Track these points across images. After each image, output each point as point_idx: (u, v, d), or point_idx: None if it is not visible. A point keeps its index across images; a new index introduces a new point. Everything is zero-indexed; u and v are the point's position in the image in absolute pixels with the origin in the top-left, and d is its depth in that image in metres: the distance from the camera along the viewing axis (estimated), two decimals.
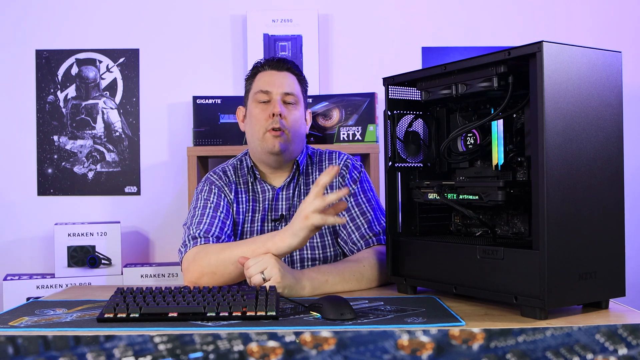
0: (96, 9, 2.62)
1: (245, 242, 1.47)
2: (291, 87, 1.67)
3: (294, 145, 1.66)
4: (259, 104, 1.66)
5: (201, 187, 1.69)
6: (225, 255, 1.44)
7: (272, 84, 1.65)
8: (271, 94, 1.65)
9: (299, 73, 1.72)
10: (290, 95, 1.66)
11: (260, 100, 1.66)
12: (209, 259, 1.46)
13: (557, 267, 1.08)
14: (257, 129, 1.64)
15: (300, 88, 1.71)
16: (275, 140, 1.61)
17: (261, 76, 1.68)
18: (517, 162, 1.28)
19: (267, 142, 1.62)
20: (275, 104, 1.63)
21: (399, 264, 1.39)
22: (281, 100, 1.65)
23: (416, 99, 1.43)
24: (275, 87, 1.65)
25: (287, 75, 1.68)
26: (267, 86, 1.65)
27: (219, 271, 1.44)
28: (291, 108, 1.66)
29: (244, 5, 2.63)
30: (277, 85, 1.65)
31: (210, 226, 1.57)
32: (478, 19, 2.64)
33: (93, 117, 2.62)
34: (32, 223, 2.60)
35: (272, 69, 1.69)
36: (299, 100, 1.69)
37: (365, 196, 1.67)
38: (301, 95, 1.71)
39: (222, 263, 1.44)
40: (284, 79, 1.67)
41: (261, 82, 1.67)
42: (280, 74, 1.68)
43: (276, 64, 1.69)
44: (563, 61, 1.11)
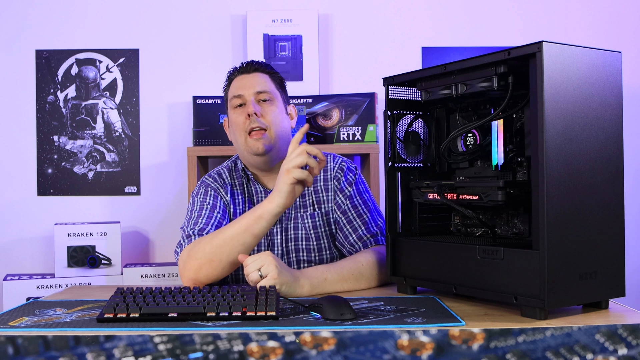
0: (96, 9, 2.62)
1: (235, 220, 1.48)
2: (262, 85, 1.67)
3: (279, 142, 1.66)
4: (236, 109, 1.67)
5: (197, 190, 1.70)
6: (219, 240, 1.44)
7: (242, 86, 1.67)
8: (243, 96, 1.66)
9: (271, 70, 1.73)
10: (264, 93, 1.66)
11: (235, 105, 1.67)
12: (203, 249, 1.46)
13: (557, 267, 1.08)
14: (239, 133, 1.65)
15: (274, 84, 1.71)
16: (258, 142, 1.62)
17: (234, 83, 1.71)
18: (517, 162, 1.28)
19: (251, 145, 1.62)
20: (249, 104, 1.64)
21: (398, 264, 1.39)
22: (255, 100, 1.65)
23: (416, 99, 1.43)
24: (247, 89, 1.66)
25: (257, 75, 1.69)
26: (238, 90, 1.67)
27: (215, 257, 1.44)
28: (267, 105, 1.66)
29: (244, 5, 2.63)
30: (248, 86, 1.66)
31: (205, 225, 1.57)
32: (478, 19, 2.64)
33: (93, 117, 2.62)
34: (32, 223, 2.60)
35: (242, 73, 1.71)
36: (275, 96, 1.69)
37: (362, 198, 1.67)
38: (277, 91, 1.71)
39: (218, 248, 1.44)
40: (254, 79, 1.68)
41: (234, 87, 1.69)
42: (250, 75, 1.69)
43: (245, 67, 1.71)
44: (563, 61, 1.11)
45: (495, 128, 1.28)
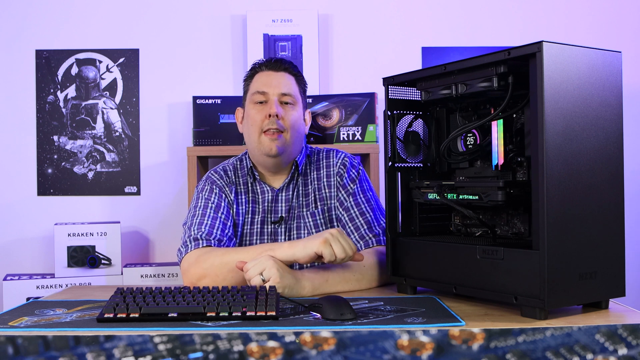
0: (96, 9, 2.62)
1: (247, 248, 1.46)
2: (288, 87, 1.65)
3: (292, 146, 1.65)
4: (256, 105, 1.65)
5: (202, 186, 1.68)
6: (228, 259, 1.43)
7: (269, 84, 1.64)
8: (268, 94, 1.63)
9: (297, 73, 1.71)
10: (288, 96, 1.64)
11: (257, 101, 1.64)
12: (211, 262, 1.45)
13: (557, 267, 1.08)
14: (254, 130, 1.63)
15: (298, 88, 1.69)
16: (273, 143, 1.60)
17: (258, 77, 1.67)
18: (517, 162, 1.28)
19: (264, 145, 1.61)
20: (272, 104, 1.61)
21: (398, 264, 1.39)
22: (278, 100, 1.63)
23: (416, 99, 1.43)
24: (272, 88, 1.64)
25: (285, 75, 1.67)
26: (263, 87, 1.64)
27: (221, 274, 1.43)
28: (289, 108, 1.64)
29: (244, 5, 2.63)
30: (274, 85, 1.64)
31: (212, 228, 1.56)
32: (478, 19, 2.64)
33: (93, 117, 2.62)
34: (32, 223, 2.60)
35: (270, 69, 1.67)
36: (297, 100, 1.67)
37: (365, 196, 1.66)
38: (299, 96, 1.69)
39: (226, 267, 1.43)
40: (281, 79, 1.65)
41: (258, 82, 1.66)
42: (278, 74, 1.66)
43: (273, 64, 1.68)
44: (563, 61, 1.11)
45: (495, 128, 1.28)
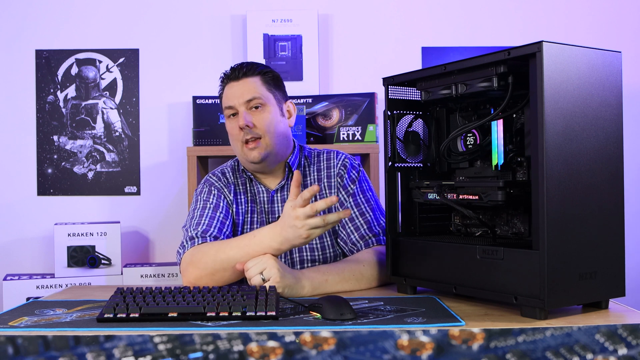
0: (96, 9, 2.62)
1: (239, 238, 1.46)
2: (252, 91, 1.62)
3: (275, 147, 1.63)
4: (230, 119, 1.65)
5: (200, 189, 1.69)
6: (222, 256, 1.43)
7: (232, 96, 1.63)
8: (234, 107, 1.63)
9: (260, 71, 1.67)
10: (254, 100, 1.61)
11: (228, 115, 1.65)
12: (205, 261, 1.45)
13: (557, 267, 1.08)
14: (235, 143, 1.65)
15: (265, 87, 1.65)
16: (253, 152, 1.60)
17: (225, 91, 1.67)
18: (517, 162, 1.28)
19: (247, 155, 1.62)
20: (240, 116, 1.61)
21: (398, 264, 1.39)
22: (246, 109, 1.61)
23: (416, 99, 1.43)
24: (237, 99, 1.62)
25: (247, 80, 1.63)
26: (229, 100, 1.64)
27: (217, 273, 1.44)
28: (259, 112, 1.62)
29: (244, 5, 2.63)
30: (238, 95, 1.62)
31: (208, 226, 1.57)
32: (478, 19, 2.64)
33: (93, 117, 2.62)
34: (32, 223, 2.60)
35: (231, 80, 1.65)
36: (267, 100, 1.63)
37: (365, 196, 1.66)
38: (268, 93, 1.65)
39: (220, 265, 1.43)
40: (244, 87, 1.63)
41: (225, 97, 1.66)
42: (239, 82, 1.64)
43: (232, 74, 1.65)
44: (563, 61, 1.11)
45: (495, 128, 1.28)
